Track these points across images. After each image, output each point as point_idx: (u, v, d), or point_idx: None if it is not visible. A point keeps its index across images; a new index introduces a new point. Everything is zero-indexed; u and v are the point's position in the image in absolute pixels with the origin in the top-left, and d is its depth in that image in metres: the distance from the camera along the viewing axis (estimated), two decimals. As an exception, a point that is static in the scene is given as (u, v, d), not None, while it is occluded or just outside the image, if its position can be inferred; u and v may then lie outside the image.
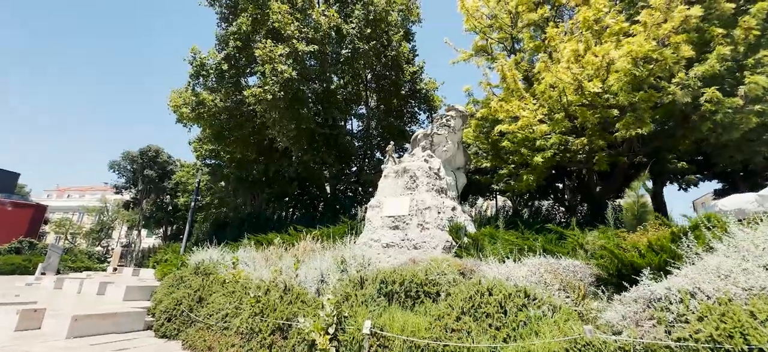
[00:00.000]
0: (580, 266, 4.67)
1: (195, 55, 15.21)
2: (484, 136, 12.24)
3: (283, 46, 13.72)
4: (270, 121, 13.87)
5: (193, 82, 15.70)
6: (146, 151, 36.22)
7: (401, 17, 20.07)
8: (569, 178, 18.53)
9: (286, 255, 7.81)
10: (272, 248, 8.36)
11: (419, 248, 8.04)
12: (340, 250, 6.74)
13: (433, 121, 10.19)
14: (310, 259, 6.76)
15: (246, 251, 9.48)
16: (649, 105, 7.67)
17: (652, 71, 7.42)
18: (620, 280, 4.86)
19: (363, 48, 15.77)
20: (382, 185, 9.76)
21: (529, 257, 5.29)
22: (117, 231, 53.30)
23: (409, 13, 20.54)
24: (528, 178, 10.11)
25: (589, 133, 9.14)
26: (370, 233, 9.08)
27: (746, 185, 17.97)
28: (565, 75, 7.52)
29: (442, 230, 8.30)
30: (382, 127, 21.17)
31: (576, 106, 8.31)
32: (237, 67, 15.86)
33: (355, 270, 5.87)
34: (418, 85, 21.11)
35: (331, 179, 20.07)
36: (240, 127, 16.47)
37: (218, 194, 19.70)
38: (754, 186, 18.16)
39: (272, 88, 12.95)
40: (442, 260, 5.78)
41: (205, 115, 16.20)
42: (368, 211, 9.58)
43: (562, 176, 17.77)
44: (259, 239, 11.57)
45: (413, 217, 8.60)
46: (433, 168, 9.34)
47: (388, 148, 10.25)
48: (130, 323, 6.54)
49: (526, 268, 4.74)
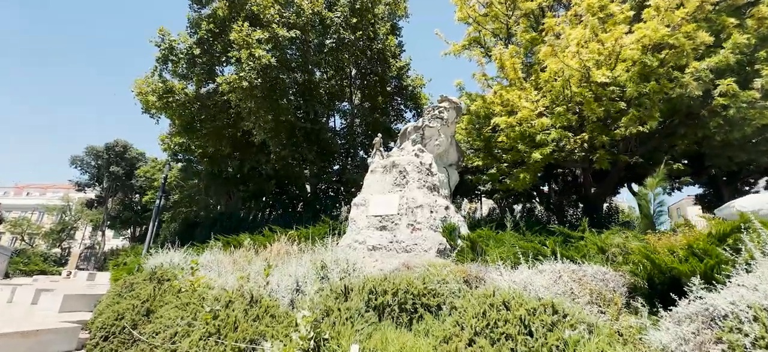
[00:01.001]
0: (610, 274, 3.90)
1: (163, 37, 13.85)
2: (476, 132, 11.55)
3: (261, 30, 12.61)
4: (245, 112, 12.70)
5: (161, 67, 14.30)
6: (113, 146, 33.77)
7: (388, 11, 19.28)
8: (556, 180, 18.18)
9: (257, 259, 6.74)
10: (242, 251, 7.28)
11: (410, 251, 7.16)
12: (320, 253, 5.76)
13: (425, 113, 9.37)
14: (284, 263, 5.74)
15: (213, 253, 8.32)
16: (659, 98, 7.10)
17: (665, 60, 6.84)
18: (653, 290, 4.14)
19: (348, 38, 14.83)
20: (368, 180, 8.84)
21: (543, 263, 4.49)
22: (81, 232, 49.87)
23: (396, 7, 19.75)
24: (525, 176, 9.44)
25: (590, 129, 8.55)
26: (355, 233, 8.12)
27: (729, 189, 18.10)
28: (572, 61, 6.84)
29: (436, 232, 7.45)
30: (367, 124, 20.23)
31: (580, 97, 7.66)
32: (211, 53, 14.58)
33: (337, 277, 4.91)
34: (404, 82, 20.32)
35: (312, 178, 18.95)
36: (213, 118, 15.17)
37: (188, 192, 18.19)
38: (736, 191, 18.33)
39: (248, 75, 11.80)
40: (441, 265, 4.91)
41: (174, 105, 14.81)
42: (352, 209, 8.62)
43: (548, 178, 17.37)
44: (229, 240, 10.39)
45: (403, 216, 7.72)
46: (425, 163, 8.50)
47: (376, 140, 9.35)
48: (58, 342, 5.31)
49: (546, 276, 3.93)
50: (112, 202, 37.48)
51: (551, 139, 8.28)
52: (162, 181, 15.00)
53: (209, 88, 15.64)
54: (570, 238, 6.40)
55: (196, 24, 14.40)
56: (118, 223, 36.56)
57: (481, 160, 11.81)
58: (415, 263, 5.53)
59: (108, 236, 45.37)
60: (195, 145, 16.95)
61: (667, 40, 6.32)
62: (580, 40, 6.78)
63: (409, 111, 21.79)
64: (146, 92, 14.63)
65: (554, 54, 6.93)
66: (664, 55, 6.74)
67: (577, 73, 7.07)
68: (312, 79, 15.94)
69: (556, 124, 8.39)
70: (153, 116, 16.10)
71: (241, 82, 11.87)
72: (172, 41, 13.96)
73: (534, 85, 8.55)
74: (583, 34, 6.79)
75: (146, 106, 15.06)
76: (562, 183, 18.83)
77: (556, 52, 6.90)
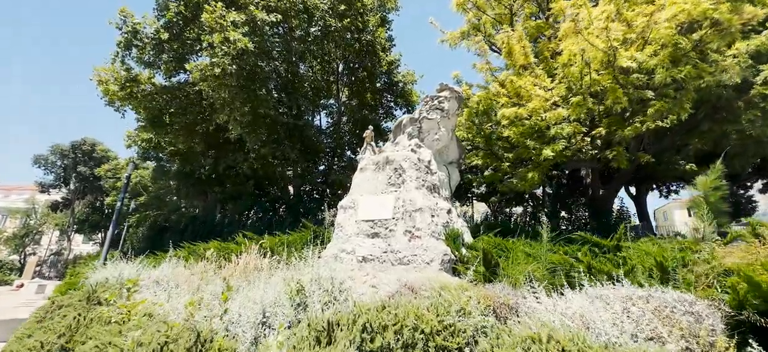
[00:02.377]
0: (700, 305, 2.80)
1: (125, 19, 12.29)
2: (477, 128, 10.50)
3: (238, 12, 11.25)
4: (219, 103, 11.29)
5: (123, 53, 12.72)
6: (80, 145, 31.37)
7: (377, 3, 18.17)
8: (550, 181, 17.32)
9: (221, 274, 5.42)
10: (203, 264, 5.94)
11: (408, 264, 5.98)
12: (298, 268, 4.52)
13: (422, 104, 8.24)
14: (251, 283, 4.47)
15: (171, 266, 6.94)
16: (695, 85, 6.16)
17: (702, 40, 5.91)
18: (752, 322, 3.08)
19: (335, 25, 13.61)
20: (357, 179, 7.63)
21: (594, 286, 3.38)
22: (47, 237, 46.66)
23: None
24: (533, 175, 8.42)
25: (607, 123, 7.59)
26: (342, 242, 6.89)
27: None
28: (598, 40, 5.83)
29: (438, 240, 6.30)
30: (355, 122, 19.02)
31: (602, 85, 6.67)
32: (182, 40, 13.09)
33: (318, 304, 3.68)
34: (394, 78, 19.21)
35: (295, 179, 17.55)
36: (184, 111, 13.65)
37: (156, 193, 16.51)
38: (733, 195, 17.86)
39: (222, 61, 10.42)
40: (456, 287, 3.75)
41: (139, 96, 13.24)
42: (339, 213, 7.40)
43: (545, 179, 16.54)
44: (195, 249, 8.98)
45: (399, 221, 6.54)
46: (424, 159, 7.36)
47: (367, 133, 8.15)
48: (-64, 394, 3.90)
49: (615, 308, 2.80)
50: (81, 204, 34.94)
51: (567, 134, 7.26)
52: (124, 180, 13.38)
53: (180, 79, 14.13)
54: (600, 248, 5.35)
55: (164, 7, 12.90)
56: (87, 227, 34.04)
57: (480, 159, 10.77)
58: (418, 280, 4.35)
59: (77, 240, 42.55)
60: (165, 142, 15.34)
61: (710, 14, 5.38)
62: (609, 15, 5.78)
63: (399, 109, 20.68)
64: (107, 81, 13.03)
65: (577, 32, 5.94)
66: (701, 34, 5.79)
67: (602, 54, 6.07)
68: (295, 71, 14.63)
69: (571, 116, 7.39)
70: (118, 109, 14.46)
71: (213, 69, 10.48)
72: (136, 24, 12.42)
73: (547, 72, 7.53)
74: (609, 9, 5.79)
75: (106, 95, 13.43)
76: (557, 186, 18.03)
77: (578, 30, 5.90)
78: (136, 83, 13.15)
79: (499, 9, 9.98)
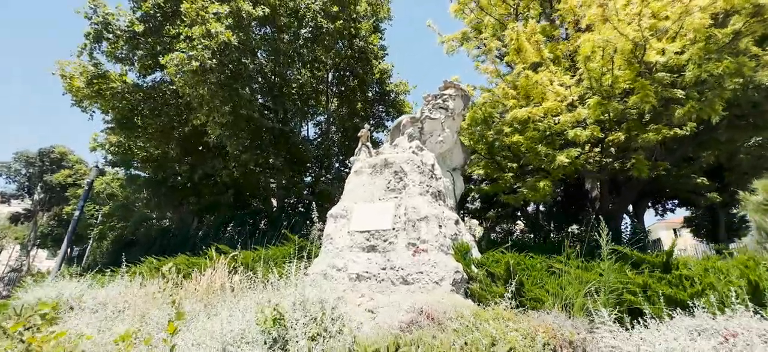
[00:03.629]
0: None
1: (96, 8, 11.19)
2: (479, 134, 9.73)
3: (221, 4, 10.33)
4: (196, 102, 10.19)
5: (92, 45, 11.55)
6: (48, 153, 29.30)
7: (371, 11, 17.63)
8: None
9: (180, 295, 4.28)
10: (158, 283, 4.78)
11: (412, 283, 4.97)
12: (278, 289, 3.46)
13: (424, 103, 7.41)
14: (215, 308, 3.38)
15: (121, 284, 5.73)
16: (733, 84, 5.52)
17: (741, 32, 5.29)
18: None
19: (327, 27, 12.84)
20: (351, 184, 6.64)
21: (682, 316, 2.47)
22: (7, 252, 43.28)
23: (378, 7, 18.15)
24: (545, 184, 7.62)
25: (627, 127, 6.90)
26: (332, 256, 5.84)
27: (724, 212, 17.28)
28: (629, 29, 5.14)
29: (447, 254, 5.33)
30: (344, 130, 18.10)
31: (628, 82, 5.98)
32: (159, 34, 12.04)
33: (304, 340, 2.63)
34: (386, 87, 18.50)
35: (279, 190, 16.36)
36: (158, 112, 12.45)
37: (123, 202, 15.01)
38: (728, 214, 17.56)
39: (201, 55, 9.41)
40: (490, 315, 2.77)
41: (108, 94, 12.01)
42: (328, 223, 6.36)
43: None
44: (159, 264, 7.73)
45: (400, 232, 5.56)
46: (427, 163, 6.46)
47: (362, 132, 7.22)
48: None
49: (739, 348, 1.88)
50: (45, 217, 32.48)
51: (587, 138, 6.51)
52: (86, 187, 11.97)
53: (155, 77, 12.99)
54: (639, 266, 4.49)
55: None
56: (50, 241, 31.52)
57: (482, 169, 9.96)
58: (435, 305, 3.36)
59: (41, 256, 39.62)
60: (136, 147, 14.00)
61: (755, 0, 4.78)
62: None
63: (390, 119, 19.91)
64: (72, 76, 11.78)
65: (605, 19, 5.26)
66: (741, 24, 5.18)
67: (631, 47, 5.38)
68: (283, 74, 13.69)
69: (589, 118, 6.66)
70: (85, 110, 13.14)
71: (190, 63, 9.44)
72: (109, 15, 11.33)
73: (563, 68, 6.85)
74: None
75: (72, 94, 12.15)
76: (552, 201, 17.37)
77: (607, 16, 5.22)
78: (106, 80, 11.94)
79: (503, 9, 9.39)
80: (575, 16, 8.36)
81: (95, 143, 13.56)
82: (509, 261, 4.31)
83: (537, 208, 19.62)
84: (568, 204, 15.65)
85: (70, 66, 11.96)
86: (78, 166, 23.31)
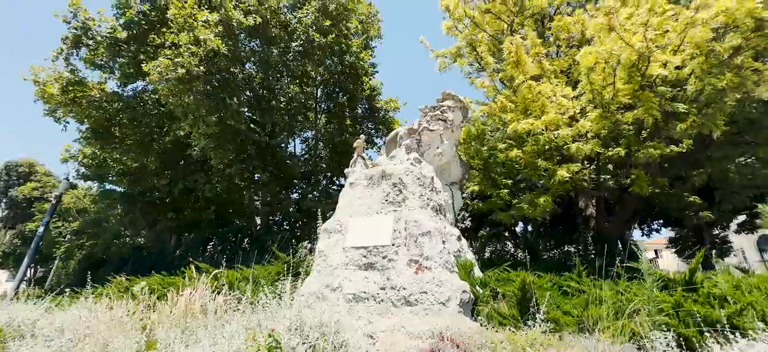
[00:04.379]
0: None
1: (76, 12, 10.67)
2: (474, 150, 9.55)
3: (211, 12, 10.00)
4: (180, 111, 9.66)
5: (69, 51, 10.96)
6: (14, 166, 27.58)
7: (362, 29, 17.68)
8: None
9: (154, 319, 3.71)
10: (126, 305, 4.19)
11: (416, 304, 4.53)
12: (270, 311, 2.98)
13: (421, 115, 7.16)
14: (194, 334, 2.86)
15: (84, 307, 5.06)
16: (735, 98, 5.50)
17: (740, 48, 5.30)
18: None
19: (318, 41, 12.64)
20: (345, 198, 6.23)
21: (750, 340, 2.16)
22: (-36, 271, 40.09)
23: (369, 26, 18.24)
24: (545, 200, 7.40)
25: (627, 142, 6.81)
26: (325, 275, 5.35)
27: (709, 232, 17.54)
28: (635, 38, 5.06)
29: (452, 272, 4.94)
30: (333, 147, 17.72)
31: (630, 95, 5.90)
32: (143, 43, 11.55)
33: (304, 373, 2.17)
34: (376, 104, 18.35)
35: (264, 207, 15.67)
36: (138, 122, 11.80)
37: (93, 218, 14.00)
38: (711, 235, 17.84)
39: (188, 61, 8.97)
40: (524, 341, 2.41)
41: (84, 102, 11.33)
42: (321, 239, 5.90)
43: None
44: (130, 284, 7.01)
45: (400, 248, 5.14)
46: (426, 175, 6.13)
47: (357, 142, 6.87)
48: None
49: None
50: (10, 235, 30.29)
51: (589, 152, 6.36)
52: (53, 200, 11.07)
53: (137, 86, 12.41)
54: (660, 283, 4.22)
55: (125, 4, 11.42)
56: (13, 260, 29.27)
57: (477, 185, 9.73)
58: (450, 328, 2.95)
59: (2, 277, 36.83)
60: (112, 159, 13.20)
61: (758, 13, 4.78)
62: (653, 6, 5.06)
63: (379, 137, 19.70)
64: (45, 82, 11.09)
65: (610, 28, 5.19)
66: (739, 40, 5.19)
67: (635, 58, 5.30)
68: (271, 87, 13.33)
69: (590, 132, 6.54)
70: (58, 120, 12.34)
71: (176, 70, 8.97)
72: (89, 21, 10.81)
73: (563, 80, 6.76)
74: (653, 0, 5.09)
75: (45, 101, 11.40)
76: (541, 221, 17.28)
77: (612, 26, 5.15)
78: (83, 87, 11.28)
79: (497, 25, 9.41)
80: (569, 34, 8.43)
81: (67, 155, 12.69)
82: (526, 279, 3.93)
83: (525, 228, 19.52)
84: (556, 224, 15.54)
85: (45, 72, 11.29)
86: (46, 178, 21.85)
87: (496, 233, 17.84)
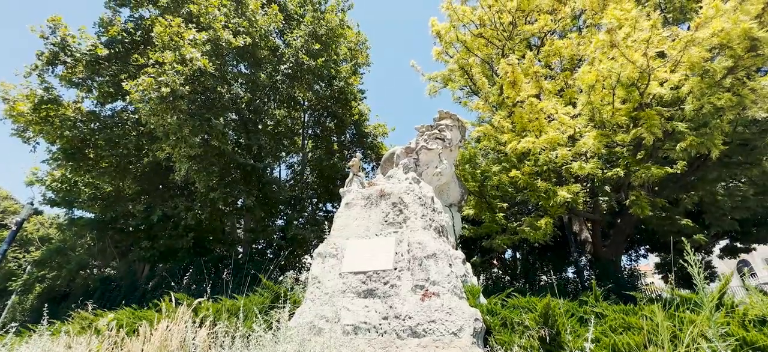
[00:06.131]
0: None
1: (55, 28, 10.20)
2: (469, 173, 9.38)
3: (199, 32, 9.74)
4: (161, 131, 9.14)
5: (44, 68, 10.39)
6: (-25, 191, 25.63)
7: (350, 55, 17.86)
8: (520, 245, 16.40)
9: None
10: (90, 343, 3.57)
11: (423, 335, 4.08)
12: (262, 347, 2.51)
13: (418, 134, 6.94)
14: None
15: (35, 346, 4.35)
16: (732, 117, 5.54)
17: (736, 67, 5.39)
18: None
19: (308, 64, 12.52)
20: (341, 219, 5.82)
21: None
22: None
23: (358, 53, 18.46)
24: (546, 222, 7.20)
25: (625, 163, 6.77)
26: (320, 304, 4.84)
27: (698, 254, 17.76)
28: (637, 55, 5.07)
29: (461, 298, 4.55)
30: (321, 171, 17.32)
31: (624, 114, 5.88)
32: (125, 62, 11.12)
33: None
34: (364, 128, 18.24)
35: (247, 234, 14.89)
36: (115, 143, 11.13)
37: (56, 247, 12.87)
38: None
39: (173, 80, 8.57)
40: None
41: (57, 121, 10.65)
42: (315, 264, 5.41)
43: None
44: (95, 319, 6.22)
45: (403, 272, 4.73)
46: (426, 195, 5.82)
47: (353, 161, 6.53)
48: None
49: None
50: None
51: (590, 171, 6.24)
52: (13, 227, 10.10)
53: (116, 106, 11.85)
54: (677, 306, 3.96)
55: (108, 23, 11.06)
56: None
57: (473, 208, 9.49)
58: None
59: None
60: (84, 182, 12.34)
61: (753, 33, 4.88)
62: (655, 23, 5.10)
63: (368, 162, 19.48)
64: (15, 99, 10.40)
65: (612, 45, 5.19)
66: (734, 61, 5.28)
67: (637, 74, 5.31)
68: (259, 109, 13.00)
69: (591, 151, 6.46)
70: (27, 140, 11.52)
71: (159, 88, 8.54)
72: (68, 37, 10.34)
73: (564, 100, 6.74)
74: (656, 17, 5.14)
75: (14, 119, 10.65)
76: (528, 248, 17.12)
77: (614, 43, 5.16)
78: (57, 105, 10.63)
79: (489, 49, 9.53)
80: (560, 57, 8.56)
81: (33, 177, 11.76)
82: (549, 305, 3.59)
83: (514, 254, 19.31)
84: (545, 249, 15.36)
85: (15, 89, 10.62)
86: (6, 202, 20.25)
87: (489, 259, 17.53)
